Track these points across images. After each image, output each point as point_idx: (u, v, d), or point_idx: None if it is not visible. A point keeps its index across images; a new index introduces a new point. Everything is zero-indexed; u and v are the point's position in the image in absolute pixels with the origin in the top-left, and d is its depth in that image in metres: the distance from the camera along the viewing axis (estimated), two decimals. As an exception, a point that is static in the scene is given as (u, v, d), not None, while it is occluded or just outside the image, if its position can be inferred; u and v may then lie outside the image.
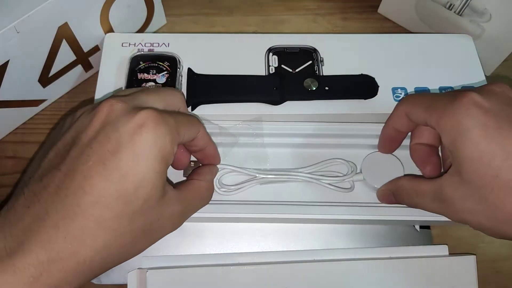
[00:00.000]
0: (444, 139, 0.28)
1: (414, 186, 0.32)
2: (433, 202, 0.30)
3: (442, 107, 0.29)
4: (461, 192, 0.28)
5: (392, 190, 0.35)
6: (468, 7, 0.42)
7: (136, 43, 0.41)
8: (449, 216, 0.30)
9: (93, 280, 0.36)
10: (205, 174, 0.34)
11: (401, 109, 0.32)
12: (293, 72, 0.40)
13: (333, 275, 0.35)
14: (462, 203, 0.28)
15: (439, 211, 0.30)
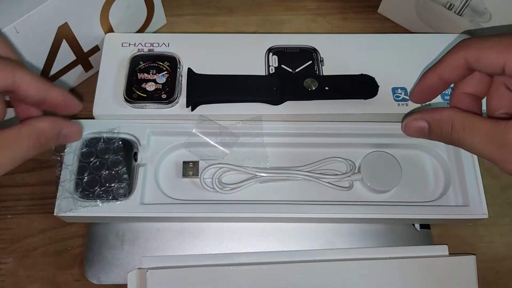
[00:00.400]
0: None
1: (467, 119, 0.28)
2: (488, 145, 0.26)
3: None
4: None
5: (430, 120, 0.30)
6: (468, 7, 0.42)
7: (136, 43, 0.41)
8: (503, 166, 0.26)
9: (93, 280, 0.36)
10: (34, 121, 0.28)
11: (459, 55, 0.29)
12: (293, 72, 0.40)
13: (333, 275, 0.35)
14: None
15: (492, 156, 0.26)
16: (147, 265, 0.34)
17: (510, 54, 0.26)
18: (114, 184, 0.35)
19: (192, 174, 0.38)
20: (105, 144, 0.37)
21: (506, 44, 0.27)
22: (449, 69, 0.30)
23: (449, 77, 0.30)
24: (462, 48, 0.29)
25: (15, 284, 0.36)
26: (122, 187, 0.35)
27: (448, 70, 0.30)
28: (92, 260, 0.37)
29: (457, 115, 0.28)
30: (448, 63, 0.30)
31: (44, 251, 0.38)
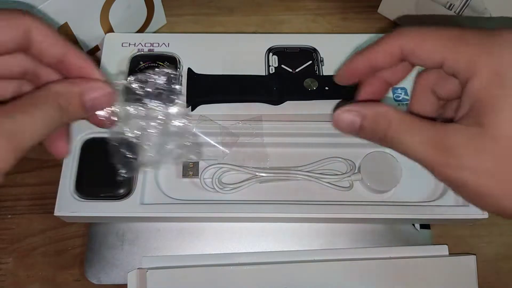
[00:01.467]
0: (475, 82, 0.23)
1: (406, 118, 0.25)
2: (426, 147, 0.24)
3: (475, 44, 0.23)
4: (477, 146, 0.22)
5: (366, 113, 0.26)
6: (468, 7, 0.42)
7: (136, 43, 0.41)
8: (440, 169, 0.24)
9: (93, 280, 0.36)
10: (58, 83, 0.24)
11: (395, 43, 0.26)
12: (293, 72, 0.40)
13: (333, 275, 0.35)
14: (472, 159, 0.22)
15: (430, 160, 0.24)
16: (147, 265, 0.34)
17: (448, 51, 0.24)
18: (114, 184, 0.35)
19: (192, 174, 0.38)
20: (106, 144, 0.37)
21: (446, 39, 0.24)
22: (382, 56, 0.27)
23: (379, 64, 0.27)
24: (399, 36, 0.26)
25: (15, 284, 0.36)
26: (122, 187, 0.35)
27: (381, 57, 0.27)
28: (92, 260, 0.37)
29: (395, 112, 0.25)
30: (382, 50, 0.27)
31: (44, 251, 0.38)
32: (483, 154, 0.22)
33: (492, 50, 0.23)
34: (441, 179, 0.24)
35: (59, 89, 0.23)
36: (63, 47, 0.24)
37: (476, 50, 0.23)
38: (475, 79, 0.23)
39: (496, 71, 0.22)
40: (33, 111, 0.22)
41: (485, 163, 0.22)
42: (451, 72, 0.24)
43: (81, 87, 0.24)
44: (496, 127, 0.22)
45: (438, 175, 0.24)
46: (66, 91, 0.24)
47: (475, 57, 0.23)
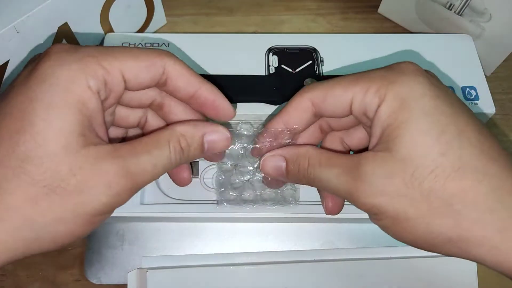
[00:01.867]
0: (382, 109, 0.24)
1: (323, 154, 0.26)
2: (342, 178, 0.24)
3: (380, 76, 0.25)
4: (387, 170, 0.23)
5: (288, 156, 0.27)
6: (468, 7, 0.42)
7: (136, 43, 0.41)
8: (357, 198, 0.24)
9: (93, 280, 0.36)
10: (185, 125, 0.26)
11: (305, 98, 0.26)
12: (293, 72, 0.40)
13: (333, 275, 0.35)
14: (383, 183, 0.23)
15: (346, 189, 0.24)
16: (147, 265, 0.34)
17: (356, 88, 0.25)
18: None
19: (192, 174, 0.37)
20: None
21: (351, 79, 0.25)
22: (296, 114, 0.27)
23: (295, 123, 0.27)
24: (308, 90, 0.27)
25: (15, 284, 0.36)
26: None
27: (295, 115, 0.27)
28: (92, 260, 0.37)
29: (313, 150, 0.26)
30: (294, 108, 0.27)
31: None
32: (394, 178, 0.23)
33: (395, 79, 0.24)
34: (360, 207, 0.25)
35: (183, 131, 0.25)
36: (197, 83, 0.26)
37: (381, 81, 0.24)
38: (384, 106, 0.24)
39: (402, 97, 0.23)
40: (156, 154, 0.24)
41: (397, 187, 0.23)
42: (361, 109, 0.25)
43: (203, 130, 0.26)
44: (403, 149, 0.23)
45: (356, 204, 0.24)
46: (189, 133, 0.25)
47: (382, 88, 0.24)
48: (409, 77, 0.24)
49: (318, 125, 0.29)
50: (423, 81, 0.24)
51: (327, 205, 0.29)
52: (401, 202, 0.23)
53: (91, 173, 0.22)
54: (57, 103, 0.21)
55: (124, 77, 0.24)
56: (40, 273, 0.37)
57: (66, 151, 0.21)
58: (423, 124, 0.23)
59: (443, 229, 0.22)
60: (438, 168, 0.22)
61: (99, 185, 0.22)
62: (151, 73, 0.24)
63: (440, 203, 0.22)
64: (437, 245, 0.23)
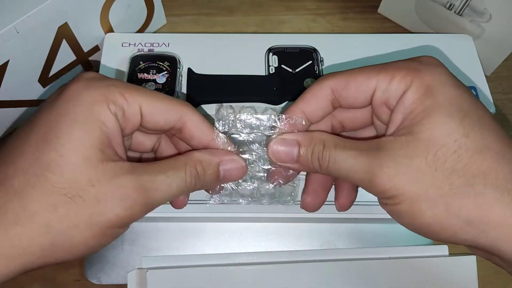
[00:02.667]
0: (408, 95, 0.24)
1: (339, 138, 0.26)
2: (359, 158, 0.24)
3: (405, 66, 0.25)
4: (409, 151, 0.23)
5: (301, 140, 0.27)
6: (468, 7, 0.42)
7: (136, 43, 0.41)
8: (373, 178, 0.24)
9: (93, 280, 0.36)
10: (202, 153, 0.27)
11: (325, 86, 0.26)
12: (293, 72, 0.40)
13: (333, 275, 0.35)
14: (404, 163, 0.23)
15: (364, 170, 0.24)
16: (147, 265, 0.34)
17: (381, 75, 0.25)
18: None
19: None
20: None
21: (376, 68, 0.26)
22: (315, 102, 0.27)
23: (313, 111, 0.27)
24: (329, 77, 0.27)
25: (15, 284, 0.36)
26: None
27: (313, 103, 0.27)
28: (92, 260, 0.37)
29: (327, 134, 0.26)
30: (313, 95, 0.27)
31: (44, 251, 0.38)
32: (416, 158, 0.23)
33: (419, 68, 0.25)
34: (377, 189, 0.24)
35: (200, 157, 0.26)
36: (210, 135, 0.27)
37: (406, 70, 0.25)
38: (409, 92, 0.24)
39: (427, 84, 0.24)
40: (172, 175, 0.25)
41: (418, 166, 0.23)
42: (383, 97, 0.26)
43: (220, 158, 0.27)
44: (427, 131, 0.23)
45: (373, 186, 0.24)
46: (206, 160, 0.26)
47: (408, 75, 0.25)
48: (432, 67, 0.25)
49: (330, 123, 0.29)
50: (445, 71, 0.25)
51: (339, 200, 0.30)
52: (422, 181, 0.23)
53: (108, 186, 0.23)
54: (80, 120, 0.23)
55: (141, 110, 0.25)
56: (40, 273, 0.37)
57: (86, 163, 0.23)
58: (447, 108, 0.23)
59: (463, 210, 0.22)
60: (461, 148, 0.22)
61: (114, 197, 0.23)
62: (167, 115, 0.26)
63: (461, 183, 0.22)
64: (454, 228, 0.23)
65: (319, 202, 0.30)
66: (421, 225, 0.24)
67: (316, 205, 0.30)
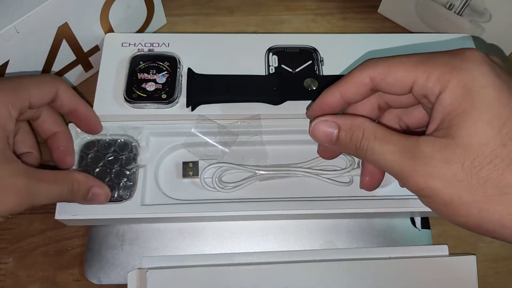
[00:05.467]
0: (446, 96, 0.24)
1: (379, 129, 0.26)
2: (398, 155, 0.25)
3: (444, 63, 0.25)
4: (446, 155, 0.23)
5: (342, 124, 0.28)
6: (468, 7, 0.42)
7: (136, 43, 0.41)
8: (411, 178, 0.24)
9: (93, 280, 0.36)
10: None
11: (365, 73, 0.27)
12: (293, 72, 0.40)
13: (333, 275, 0.35)
14: (441, 167, 0.23)
15: (401, 167, 0.25)
16: (147, 265, 0.34)
17: (419, 71, 0.25)
18: (114, 187, 0.35)
19: (192, 174, 0.38)
20: (105, 147, 0.37)
21: (414, 62, 0.26)
22: (353, 88, 0.28)
23: (352, 96, 0.29)
24: (369, 66, 0.27)
25: (15, 284, 0.36)
26: (122, 189, 0.35)
27: (352, 88, 0.28)
28: (92, 260, 0.37)
29: (369, 123, 0.27)
30: (353, 81, 0.28)
31: (44, 251, 0.38)
32: (453, 163, 0.23)
33: (459, 66, 0.24)
34: (412, 188, 0.25)
35: (78, 177, 0.32)
36: (77, 103, 0.34)
37: (444, 67, 0.24)
38: (446, 93, 0.24)
39: (465, 85, 0.24)
40: (53, 186, 0.30)
41: (455, 172, 0.23)
42: (421, 92, 0.26)
43: (93, 183, 0.33)
44: (466, 137, 0.23)
45: (408, 184, 0.25)
46: (82, 182, 0.32)
47: (445, 74, 0.24)
48: (474, 65, 0.24)
49: (377, 102, 0.30)
50: (487, 71, 0.24)
51: (364, 179, 0.31)
52: (457, 187, 0.23)
53: (6, 183, 0.28)
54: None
55: (30, 100, 0.31)
56: (40, 273, 0.37)
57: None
58: (486, 114, 0.23)
59: (496, 215, 0.23)
60: (498, 158, 0.23)
61: (10, 193, 0.28)
62: (48, 94, 0.32)
63: (495, 191, 0.23)
64: (489, 229, 0.24)
65: (377, 181, 0.31)
66: (459, 223, 0.25)
67: (375, 184, 0.32)
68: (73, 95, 0.34)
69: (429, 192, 0.24)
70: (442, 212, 0.25)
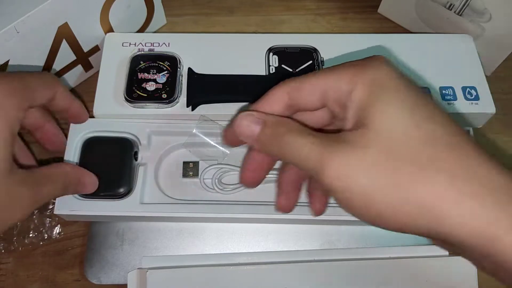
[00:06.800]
0: (357, 92, 0.25)
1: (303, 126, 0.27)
2: (316, 146, 0.24)
3: (352, 66, 0.26)
4: (362, 142, 0.23)
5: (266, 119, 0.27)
6: (468, 7, 0.42)
7: (137, 43, 0.41)
8: (327, 167, 0.23)
9: (93, 280, 0.36)
10: None
11: (282, 88, 0.28)
12: (294, 72, 0.40)
13: (333, 275, 0.35)
14: (356, 153, 0.23)
15: (318, 158, 0.24)
16: (147, 265, 0.34)
17: (329, 79, 0.26)
18: (114, 183, 0.35)
19: (192, 174, 0.38)
20: (105, 144, 0.37)
21: (325, 71, 0.27)
22: (269, 105, 0.28)
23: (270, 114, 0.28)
24: (285, 82, 0.28)
25: (15, 284, 0.36)
26: (122, 186, 0.35)
27: (268, 105, 0.28)
28: (92, 260, 0.37)
29: (294, 122, 0.27)
30: (268, 98, 0.28)
31: (44, 251, 0.38)
32: (368, 149, 0.23)
33: (366, 67, 0.25)
34: (329, 179, 0.24)
35: (67, 170, 0.33)
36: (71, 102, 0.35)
37: (353, 70, 0.26)
38: (357, 90, 0.25)
39: (373, 79, 0.25)
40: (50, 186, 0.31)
41: (371, 157, 0.23)
42: (335, 98, 0.26)
43: (81, 172, 0.34)
44: (379, 123, 0.24)
45: (324, 175, 0.24)
46: (71, 172, 0.33)
47: (354, 76, 0.25)
48: (378, 63, 0.25)
49: None
50: (391, 66, 0.25)
51: (315, 206, 0.31)
52: (373, 171, 0.23)
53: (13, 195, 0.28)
54: None
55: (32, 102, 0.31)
56: (40, 273, 0.37)
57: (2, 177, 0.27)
58: (396, 100, 0.24)
59: (415, 196, 0.22)
60: (413, 139, 0.23)
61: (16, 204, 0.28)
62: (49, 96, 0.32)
63: (412, 170, 0.22)
64: (407, 215, 0.23)
65: (292, 202, 0.31)
66: (375, 215, 0.24)
67: (290, 205, 0.31)
68: (69, 96, 0.34)
69: (346, 182, 0.23)
70: (358, 206, 0.24)
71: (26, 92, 0.30)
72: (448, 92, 0.39)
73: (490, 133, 0.43)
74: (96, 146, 0.37)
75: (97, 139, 0.37)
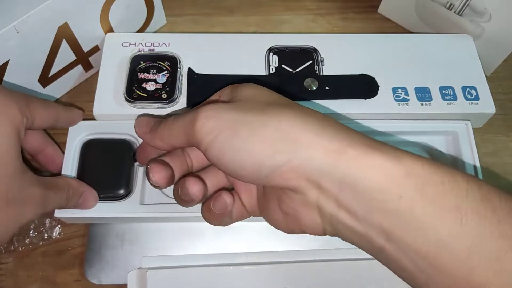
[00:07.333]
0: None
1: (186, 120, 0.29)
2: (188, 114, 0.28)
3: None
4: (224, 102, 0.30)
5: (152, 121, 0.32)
6: (468, 7, 0.42)
7: (137, 43, 0.41)
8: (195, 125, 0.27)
9: (93, 280, 0.36)
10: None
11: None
12: (293, 72, 0.40)
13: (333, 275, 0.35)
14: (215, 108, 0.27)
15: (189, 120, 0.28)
16: (147, 265, 0.34)
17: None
18: (114, 185, 0.35)
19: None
20: (105, 145, 0.37)
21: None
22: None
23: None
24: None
25: (15, 284, 0.36)
26: (122, 187, 0.35)
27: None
28: (92, 260, 0.37)
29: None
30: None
31: (44, 251, 0.38)
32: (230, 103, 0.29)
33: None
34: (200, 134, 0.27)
35: (72, 183, 0.34)
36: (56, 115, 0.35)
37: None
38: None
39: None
40: (57, 193, 0.32)
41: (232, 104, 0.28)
42: None
43: (84, 188, 0.34)
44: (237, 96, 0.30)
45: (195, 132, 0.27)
46: (75, 186, 0.34)
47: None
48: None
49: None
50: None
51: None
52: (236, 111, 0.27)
53: (26, 194, 0.29)
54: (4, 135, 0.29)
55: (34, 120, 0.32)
56: (40, 273, 0.37)
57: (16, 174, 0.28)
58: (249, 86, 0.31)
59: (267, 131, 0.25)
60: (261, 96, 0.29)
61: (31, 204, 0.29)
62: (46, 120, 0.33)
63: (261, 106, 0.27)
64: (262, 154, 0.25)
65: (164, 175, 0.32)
66: (229, 160, 0.26)
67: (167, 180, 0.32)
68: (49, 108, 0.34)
69: (210, 126, 0.26)
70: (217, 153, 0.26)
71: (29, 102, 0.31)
72: (448, 92, 0.39)
73: (490, 133, 0.43)
74: (95, 148, 0.37)
75: (96, 141, 0.37)
